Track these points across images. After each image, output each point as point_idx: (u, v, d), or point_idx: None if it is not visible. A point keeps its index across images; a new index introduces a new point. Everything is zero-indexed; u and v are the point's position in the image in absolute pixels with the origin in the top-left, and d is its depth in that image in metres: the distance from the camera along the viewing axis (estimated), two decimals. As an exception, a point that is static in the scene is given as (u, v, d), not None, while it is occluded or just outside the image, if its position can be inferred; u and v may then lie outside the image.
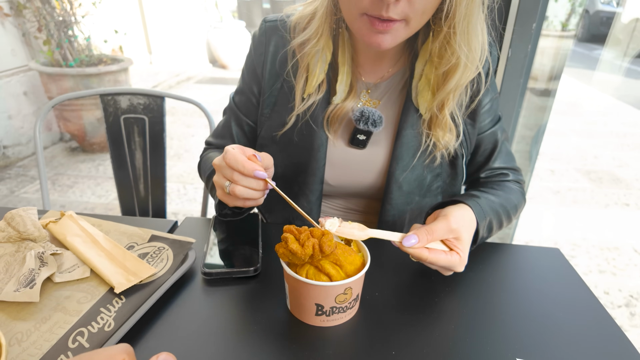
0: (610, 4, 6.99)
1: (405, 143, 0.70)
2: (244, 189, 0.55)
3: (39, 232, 0.60)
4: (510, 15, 0.90)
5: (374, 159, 0.73)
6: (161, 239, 0.64)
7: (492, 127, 0.74)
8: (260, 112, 0.76)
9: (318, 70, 0.68)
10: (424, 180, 0.73)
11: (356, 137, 0.71)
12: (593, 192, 2.65)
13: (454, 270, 0.58)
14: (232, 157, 0.53)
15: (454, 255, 0.57)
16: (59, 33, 2.88)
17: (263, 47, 0.73)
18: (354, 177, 0.74)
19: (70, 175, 2.77)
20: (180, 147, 3.22)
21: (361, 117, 0.68)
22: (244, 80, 0.78)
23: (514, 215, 0.72)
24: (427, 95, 0.67)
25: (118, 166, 1.19)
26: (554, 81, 1.43)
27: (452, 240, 0.57)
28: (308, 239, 0.48)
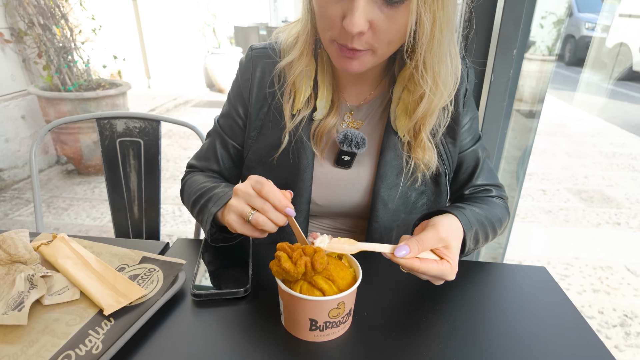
0: (595, 29, 7.23)
1: (388, 162, 0.72)
2: (267, 221, 0.57)
3: (30, 255, 0.61)
4: (492, 42, 0.94)
5: (359, 178, 0.75)
6: (152, 261, 0.65)
7: (473, 145, 0.78)
8: (247, 135, 0.78)
9: (304, 86, 0.71)
10: (409, 198, 0.75)
11: (341, 157, 0.74)
12: (584, 212, 2.68)
13: (445, 279, 0.59)
14: (270, 189, 0.57)
15: (444, 264, 0.57)
16: (58, 58, 2.94)
17: (250, 72, 0.77)
18: (340, 197, 0.76)
19: (65, 197, 2.77)
20: (177, 169, 3.24)
21: (344, 139, 0.71)
22: (230, 103, 0.81)
23: (499, 228, 0.73)
24: (404, 120, 0.70)
25: (113, 189, 1.21)
26: (539, 103, 1.48)
27: (441, 249, 0.58)
28: (300, 257, 0.50)
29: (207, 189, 0.73)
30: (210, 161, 0.83)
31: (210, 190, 0.72)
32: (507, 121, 1.10)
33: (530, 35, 1.17)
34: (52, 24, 2.88)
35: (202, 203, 0.71)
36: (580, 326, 0.58)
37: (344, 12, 0.55)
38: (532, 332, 0.57)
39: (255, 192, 0.58)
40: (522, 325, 0.58)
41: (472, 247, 0.67)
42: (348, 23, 0.54)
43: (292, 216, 0.57)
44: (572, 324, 0.59)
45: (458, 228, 0.62)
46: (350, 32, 0.54)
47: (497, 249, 1.67)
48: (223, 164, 0.83)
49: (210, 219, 0.68)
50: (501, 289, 0.67)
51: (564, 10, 1.39)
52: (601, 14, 7.45)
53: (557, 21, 1.36)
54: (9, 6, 2.86)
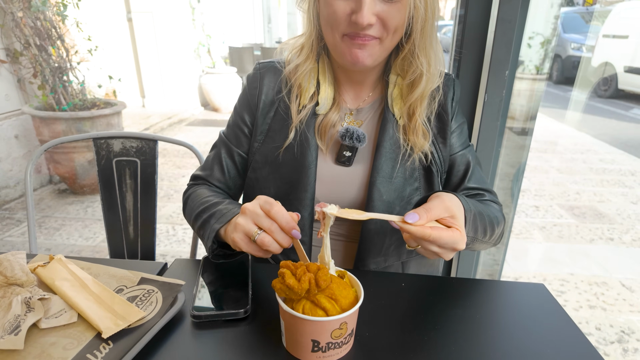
0: (580, 49, 7.46)
1: (384, 154, 0.77)
2: (273, 242, 0.59)
3: (27, 277, 0.60)
4: (484, 64, 0.97)
5: (358, 174, 0.79)
6: (150, 282, 0.64)
7: (463, 149, 0.82)
8: (253, 139, 0.82)
9: (309, 85, 0.78)
10: (404, 191, 0.78)
11: (342, 154, 0.78)
12: (578, 228, 2.70)
13: (455, 248, 0.59)
14: (278, 210, 0.59)
15: (455, 232, 0.58)
16: (53, 78, 2.95)
17: (257, 81, 0.82)
18: (340, 193, 0.79)
19: (57, 217, 2.73)
20: (171, 187, 3.23)
21: (346, 133, 0.76)
22: (236, 113, 0.85)
23: (496, 227, 0.75)
24: (400, 103, 0.77)
25: (108, 208, 1.20)
26: (531, 121, 1.51)
27: (448, 218, 0.59)
28: (304, 274, 0.50)
29: (210, 204, 0.74)
30: (215, 170, 0.85)
31: (214, 206, 0.73)
32: (500, 139, 1.12)
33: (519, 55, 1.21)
34: (48, 45, 2.91)
35: (204, 218, 0.72)
36: (581, 343, 0.59)
37: (352, 9, 0.64)
38: (534, 351, 0.57)
39: (263, 212, 0.59)
40: (523, 344, 0.58)
41: (472, 235, 0.67)
42: (359, 17, 0.62)
43: (298, 239, 0.58)
44: (572, 341, 0.59)
45: (459, 204, 0.63)
46: (361, 24, 0.62)
47: (493, 265, 1.67)
48: (228, 173, 0.85)
49: (212, 235, 0.68)
50: (501, 306, 0.67)
51: (551, 31, 1.44)
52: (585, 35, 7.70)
53: (545, 41, 1.41)
54: (5, 27, 2.88)
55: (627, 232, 2.65)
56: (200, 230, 0.72)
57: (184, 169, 3.61)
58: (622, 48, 6.24)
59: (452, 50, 1.11)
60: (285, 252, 0.78)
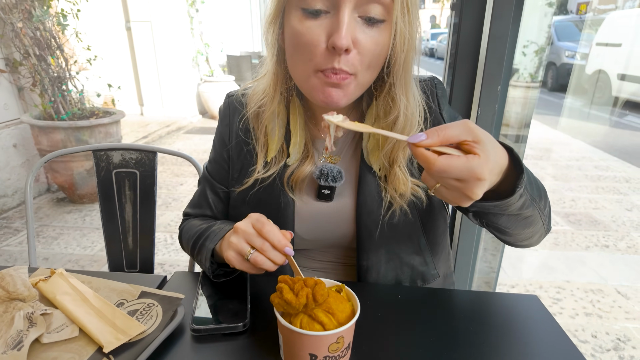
0: (574, 57, 7.55)
1: (367, 192, 0.73)
2: (266, 260, 0.59)
3: (29, 292, 0.61)
4: (477, 79, 1.00)
5: (342, 209, 0.75)
6: (151, 295, 0.65)
7: None
8: (230, 177, 0.81)
9: (277, 135, 0.73)
10: (396, 222, 0.73)
11: (321, 192, 0.75)
12: (573, 235, 2.72)
13: (478, 177, 0.45)
14: (270, 229, 0.59)
15: (473, 157, 0.45)
16: (52, 88, 2.97)
17: (228, 118, 0.80)
18: (326, 230, 0.76)
19: (55, 226, 2.73)
20: (169, 195, 3.24)
21: (321, 174, 0.73)
22: (215, 149, 0.84)
23: (544, 196, 0.65)
24: (377, 154, 0.71)
25: (107, 219, 1.21)
26: (525, 128, 1.53)
27: (470, 143, 0.46)
28: (302, 289, 0.51)
29: (203, 230, 0.75)
30: (204, 208, 0.85)
31: (207, 230, 0.74)
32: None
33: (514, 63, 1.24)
34: (48, 55, 2.93)
35: (200, 243, 0.72)
36: (572, 353, 0.60)
37: (329, 32, 0.58)
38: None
39: (255, 231, 0.60)
40: (517, 355, 0.59)
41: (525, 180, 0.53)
42: (337, 39, 0.56)
43: (291, 255, 0.59)
44: (563, 351, 0.60)
45: (496, 143, 0.49)
46: (340, 47, 0.56)
47: (489, 273, 1.69)
48: (216, 209, 0.84)
49: (208, 255, 0.69)
50: (495, 318, 0.69)
51: (545, 40, 1.46)
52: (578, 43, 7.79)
53: (539, 49, 1.44)
54: (5, 37, 2.91)
55: (622, 239, 2.67)
56: (199, 256, 0.73)
57: (182, 177, 3.62)
58: (615, 56, 6.32)
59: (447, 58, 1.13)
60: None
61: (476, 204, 0.54)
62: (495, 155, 0.47)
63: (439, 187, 0.49)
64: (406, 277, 0.79)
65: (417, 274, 0.79)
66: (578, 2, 13.53)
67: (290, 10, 0.61)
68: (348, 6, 0.56)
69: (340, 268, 0.82)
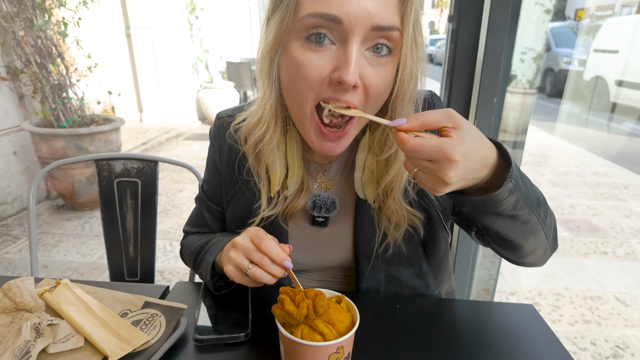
0: (573, 63, 7.61)
1: (365, 218, 0.72)
2: (264, 274, 0.60)
3: (35, 303, 0.62)
4: (473, 92, 1.02)
5: (338, 234, 0.74)
6: (154, 306, 0.66)
7: None
8: (224, 199, 0.80)
9: (279, 168, 0.69)
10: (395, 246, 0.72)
11: (316, 219, 0.73)
12: (572, 241, 2.73)
13: (450, 158, 0.46)
14: (269, 244, 0.59)
15: (444, 139, 0.46)
16: (53, 95, 2.99)
17: (218, 142, 0.78)
18: (322, 254, 0.75)
19: (55, 234, 2.74)
20: (168, 202, 3.24)
21: (314, 206, 0.71)
22: (209, 171, 0.83)
23: (544, 204, 0.64)
24: (372, 187, 0.69)
25: (109, 228, 1.22)
26: (522, 134, 1.55)
27: (449, 129, 0.47)
28: (303, 300, 0.53)
29: (203, 244, 0.76)
30: (202, 226, 0.85)
31: (207, 244, 0.75)
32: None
33: (512, 70, 1.25)
34: (49, 62, 2.95)
35: (200, 257, 0.73)
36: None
37: (334, 67, 0.55)
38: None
39: (254, 245, 0.60)
40: (513, 364, 0.61)
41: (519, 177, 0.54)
42: (344, 74, 0.53)
43: (290, 269, 0.60)
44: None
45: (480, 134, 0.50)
46: (349, 83, 0.53)
47: (488, 280, 1.70)
48: (213, 227, 0.85)
49: (209, 267, 0.70)
50: (492, 328, 0.70)
51: (542, 47, 1.48)
52: (577, 49, 7.86)
53: (537, 56, 1.46)
54: (6, 45, 2.93)
55: (621, 246, 2.68)
56: (199, 269, 0.74)
57: (182, 183, 3.63)
58: (613, 62, 6.37)
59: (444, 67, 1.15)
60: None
61: (466, 200, 0.54)
62: (474, 142, 0.48)
63: (417, 171, 0.50)
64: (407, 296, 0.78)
65: (418, 295, 0.78)
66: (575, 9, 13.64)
67: (290, 40, 0.57)
68: (356, 40, 0.53)
69: (338, 287, 0.81)
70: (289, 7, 0.55)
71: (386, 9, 0.53)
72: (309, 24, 0.54)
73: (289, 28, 0.56)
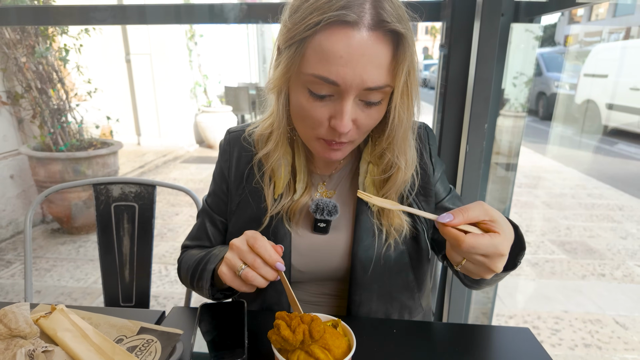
0: (564, 87, 7.79)
1: (363, 226, 0.76)
2: (256, 276, 0.60)
3: (30, 329, 0.62)
4: (465, 118, 1.05)
5: (337, 242, 0.78)
6: (150, 331, 0.66)
7: (447, 195, 0.83)
8: (228, 210, 0.83)
9: (283, 174, 0.76)
10: (389, 257, 0.76)
11: (317, 225, 0.77)
12: (570, 264, 2.73)
13: (501, 253, 0.53)
14: (262, 245, 0.60)
15: (494, 235, 0.53)
16: (52, 120, 3.02)
17: (228, 154, 0.83)
18: (320, 262, 0.78)
19: (49, 258, 2.71)
20: (164, 226, 3.23)
21: (317, 209, 0.75)
22: (215, 183, 0.86)
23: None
24: (372, 191, 0.75)
25: (105, 252, 1.21)
26: (515, 157, 1.57)
27: (488, 222, 0.54)
28: (299, 325, 0.53)
29: (203, 255, 0.77)
30: (203, 240, 0.87)
31: (207, 254, 0.76)
32: (484, 184, 1.18)
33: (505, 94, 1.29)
34: (49, 88, 3.00)
35: (201, 267, 0.74)
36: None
37: (331, 114, 0.62)
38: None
39: (248, 247, 0.61)
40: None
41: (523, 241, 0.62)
42: (339, 125, 0.61)
43: (282, 271, 0.60)
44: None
45: (507, 221, 0.58)
46: (342, 132, 0.62)
47: (486, 303, 1.69)
48: (215, 240, 0.86)
49: (209, 276, 0.71)
50: (488, 352, 0.70)
51: (532, 71, 1.53)
52: (567, 73, 8.07)
53: (528, 81, 1.50)
54: (8, 71, 2.98)
55: (618, 268, 2.68)
56: (199, 282, 0.74)
57: (178, 207, 3.62)
58: (603, 86, 6.53)
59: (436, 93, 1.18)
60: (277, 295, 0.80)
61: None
62: (510, 234, 0.55)
63: (465, 262, 0.56)
64: (395, 311, 0.81)
65: (405, 308, 0.82)
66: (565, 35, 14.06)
67: (297, 83, 0.64)
68: (350, 97, 0.60)
69: (332, 301, 0.83)
70: (295, 60, 0.61)
71: (378, 72, 0.59)
72: (311, 81, 0.61)
73: (295, 74, 0.63)
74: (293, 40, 0.60)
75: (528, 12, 1.13)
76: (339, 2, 0.56)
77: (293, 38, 0.60)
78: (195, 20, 1.29)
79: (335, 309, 0.83)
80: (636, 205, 3.89)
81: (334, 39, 0.57)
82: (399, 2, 0.60)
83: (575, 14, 13.43)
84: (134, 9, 1.27)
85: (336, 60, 0.57)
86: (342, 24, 0.56)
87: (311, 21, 0.57)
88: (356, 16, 0.56)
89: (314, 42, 0.58)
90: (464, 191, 1.11)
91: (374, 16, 0.56)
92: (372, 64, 0.58)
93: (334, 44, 0.57)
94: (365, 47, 0.57)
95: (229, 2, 1.22)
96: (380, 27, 0.57)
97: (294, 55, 0.61)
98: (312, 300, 0.83)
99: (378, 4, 0.57)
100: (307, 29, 0.58)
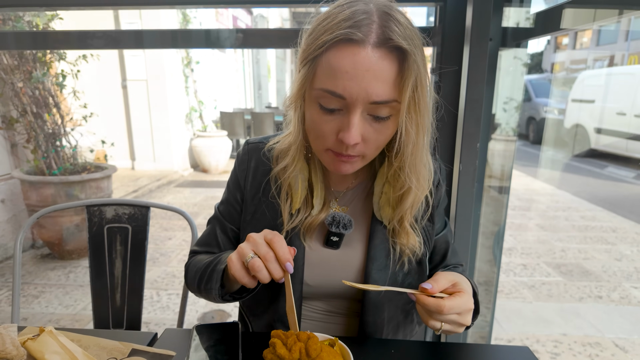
0: (552, 112, 7.99)
1: (377, 245, 0.77)
2: (262, 268, 0.60)
3: (17, 351, 0.60)
4: (457, 137, 1.07)
5: (349, 259, 0.78)
6: (141, 353, 0.64)
7: (443, 229, 0.87)
8: (242, 218, 0.84)
9: (300, 188, 0.77)
10: (397, 278, 0.78)
11: (330, 239, 0.78)
12: (566, 286, 2.71)
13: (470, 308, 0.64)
14: (279, 241, 0.61)
15: (462, 294, 0.63)
16: (46, 144, 3.01)
17: (245, 163, 0.85)
18: (331, 277, 0.78)
19: (37, 284, 2.64)
20: (156, 250, 3.18)
21: (332, 221, 0.77)
22: (229, 191, 0.87)
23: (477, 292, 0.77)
24: (388, 210, 0.77)
25: (96, 275, 1.19)
26: (507, 180, 1.59)
27: (450, 288, 0.64)
28: (295, 344, 0.52)
29: (213, 258, 0.77)
30: (212, 246, 0.86)
31: (218, 257, 0.76)
32: (478, 203, 1.19)
33: (496, 119, 1.32)
34: (44, 112, 3.01)
35: (210, 269, 0.74)
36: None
37: (340, 128, 0.65)
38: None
39: (265, 241, 0.62)
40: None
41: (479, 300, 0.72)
42: (346, 137, 0.63)
43: (290, 272, 0.60)
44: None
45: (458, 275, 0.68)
46: (349, 144, 0.64)
47: (484, 327, 1.66)
48: (224, 247, 0.86)
49: (219, 276, 0.70)
50: (489, 371, 0.68)
51: (521, 97, 1.58)
52: (555, 99, 8.29)
53: (517, 106, 1.54)
54: (4, 96, 2.99)
55: (615, 290, 2.67)
56: (208, 284, 0.73)
57: (171, 231, 3.58)
58: (590, 111, 6.71)
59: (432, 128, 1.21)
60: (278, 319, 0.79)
61: None
62: (465, 283, 0.66)
63: (443, 325, 0.63)
64: (400, 330, 0.82)
65: (407, 327, 0.84)
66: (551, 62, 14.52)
67: (310, 98, 0.67)
68: (358, 110, 0.63)
69: (342, 320, 0.82)
70: (308, 77, 0.65)
71: (383, 87, 0.61)
72: (321, 95, 0.64)
73: (308, 90, 0.67)
74: (307, 60, 0.64)
75: (515, 37, 1.17)
76: (347, 22, 0.60)
77: (307, 57, 0.64)
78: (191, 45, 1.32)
79: (345, 327, 0.82)
80: (629, 227, 3.91)
81: (341, 55, 0.60)
82: (408, 22, 0.63)
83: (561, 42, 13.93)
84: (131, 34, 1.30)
85: (342, 75, 0.60)
86: (349, 42, 0.60)
87: (321, 40, 0.61)
88: (362, 35, 0.59)
89: (323, 60, 0.62)
90: (458, 210, 1.12)
91: (380, 35, 0.59)
92: (377, 79, 0.60)
93: (341, 60, 0.60)
94: (370, 63, 0.60)
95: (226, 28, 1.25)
96: (385, 44, 0.60)
97: (307, 73, 0.64)
98: (322, 318, 0.83)
99: (385, 24, 0.60)
100: (318, 48, 0.62)
